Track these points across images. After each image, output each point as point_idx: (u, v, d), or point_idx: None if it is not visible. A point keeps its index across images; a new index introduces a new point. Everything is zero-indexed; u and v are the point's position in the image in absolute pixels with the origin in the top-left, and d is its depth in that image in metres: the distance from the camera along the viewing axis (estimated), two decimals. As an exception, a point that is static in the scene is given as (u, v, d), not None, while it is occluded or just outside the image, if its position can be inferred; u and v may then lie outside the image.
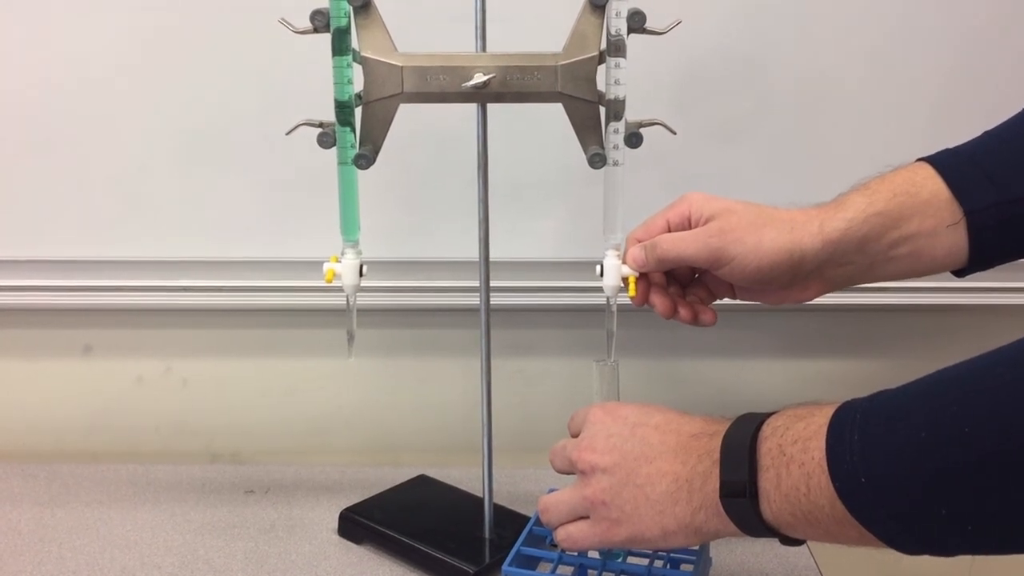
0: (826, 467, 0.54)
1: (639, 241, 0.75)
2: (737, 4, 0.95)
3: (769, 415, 0.61)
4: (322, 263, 0.78)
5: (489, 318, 0.84)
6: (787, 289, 0.73)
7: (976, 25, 0.97)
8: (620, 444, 0.66)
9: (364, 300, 0.82)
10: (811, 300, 0.74)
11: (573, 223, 1.02)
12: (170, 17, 0.96)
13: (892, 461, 0.52)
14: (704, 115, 0.99)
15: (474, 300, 0.84)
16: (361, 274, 0.78)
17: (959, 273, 0.72)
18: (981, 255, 0.70)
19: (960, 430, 0.50)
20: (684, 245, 0.72)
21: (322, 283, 0.78)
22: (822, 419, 0.56)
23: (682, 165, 0.96)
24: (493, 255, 0.83)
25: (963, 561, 1.02)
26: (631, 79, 0.72)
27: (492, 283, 0.84)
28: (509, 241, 0.98)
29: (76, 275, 1.03)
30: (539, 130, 0.92)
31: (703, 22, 0.94)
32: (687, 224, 0.74)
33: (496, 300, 0.86)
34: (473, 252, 0.83)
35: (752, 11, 0.96)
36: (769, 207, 0.72)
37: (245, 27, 0.95)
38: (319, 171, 0.81)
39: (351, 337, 0.80)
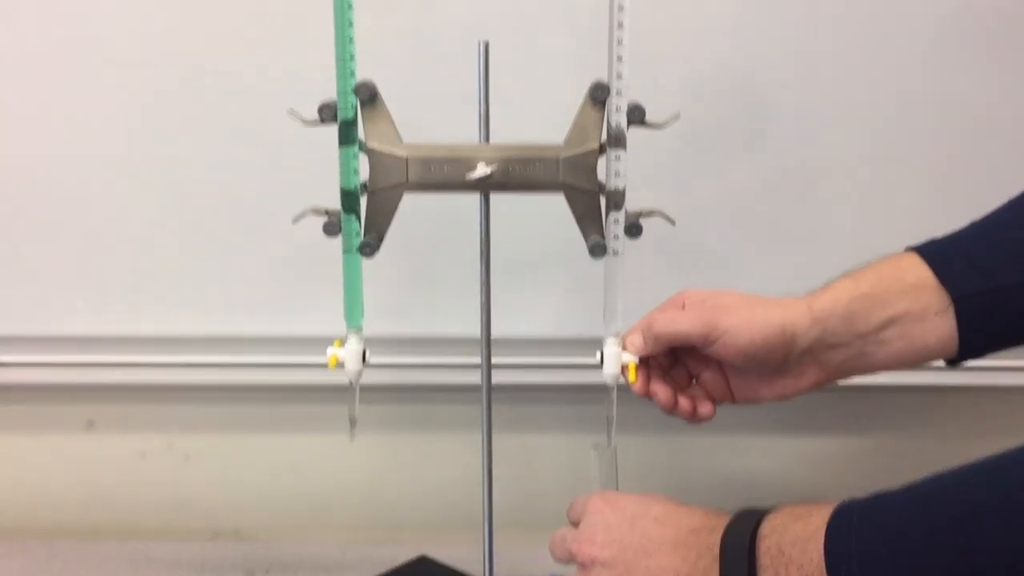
0: (824, 571, 0.55)
1: (638, 331, 0.76)
2: (738, 82, 0.97)
3: (768, 511, 0.61)
4: (325, 340, 0.79)
5: (491, 398, 0.84)
6: (782, 375, 0.74)
7: (977, 114, 0.99)
8: (619, 537, 0.66)
9: (366, 377, 0.82)
10: (807, 390, 0.74)
11: (575, 299, 1.03)
12: (178, 98, 0.98)
13: (889, 570, 0.52)
14: (705, 194, 1.00)
15: (476, 378, 0.85)
16: (364, 360, 0.78)
17: (952, 362, 0.73)
18: (971, 343, 0.70)
19: (957, 546, 0.50)
20: (678, 321, 0.74)
21: (325, 359, 0.79)
22: (819, 520, 0.57)
23: (683, 244, 0.98)
24: (495, 333, 0.84)
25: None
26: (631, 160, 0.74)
27: (494, 360, 0.84)
28: (511, 317, 0.99)
29: (79, 351, 1.04)
30: (541, 206, 0.93)
31: (703, 100, 0.96)
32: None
33: (498, 378, 0.86)
34: (475, 327, 0.83)
35: (754, 88, 0.98)
36: (758, 295, 0.74)
37: (254, 108, 0.97)
38: (323, 248, 0.81)
39: (353, 422, 0.80)
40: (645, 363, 0.77)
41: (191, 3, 0.96)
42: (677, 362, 0.79)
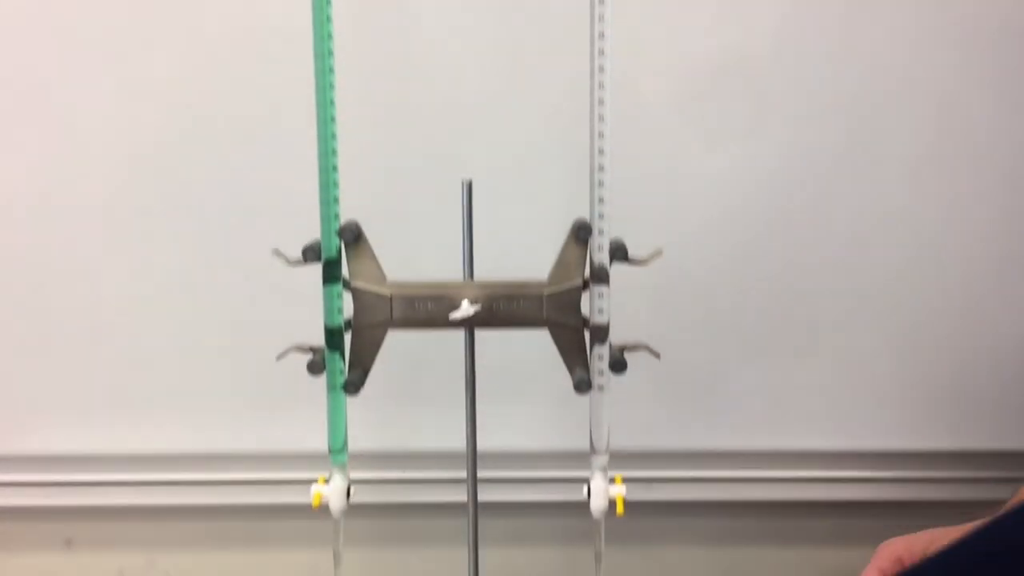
0: None
1: None
2: (727, 231, 0.99)
3: None
4: (308, 457, 0.79)
5: (476, 515, 0.84)
6: None
7: (975, 109, 0.99)
8: None
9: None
10: None
11: (563, 413, 1.02)
12: (160, 215, 0.98)
13: None
14: (689, 315, 1.01)
15: (461, 494, 0.84)
16: (348, 497, 0.78)
17: None
18: None
19: None
20: None
21: (308, 476, 0.78)
22: None
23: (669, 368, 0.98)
24: (481, 446, 0.83)
25: None
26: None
27: (480, 474, 0.84)
28: (497, 431, 0.99)
29: (56, 470, 1.03)
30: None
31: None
32: (902, 566, 0.75)
33: (484, 496, 0.85)
34: (460, 442, 0.82)
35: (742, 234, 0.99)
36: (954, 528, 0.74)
37: (237, 235, 0.97)
38: (305, 371, 0.81)
39: (338, 559, 0.79)
40: None
41: (176, 119, 0.97)
42: None
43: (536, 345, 0.98)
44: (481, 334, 0.80)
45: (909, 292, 1.01)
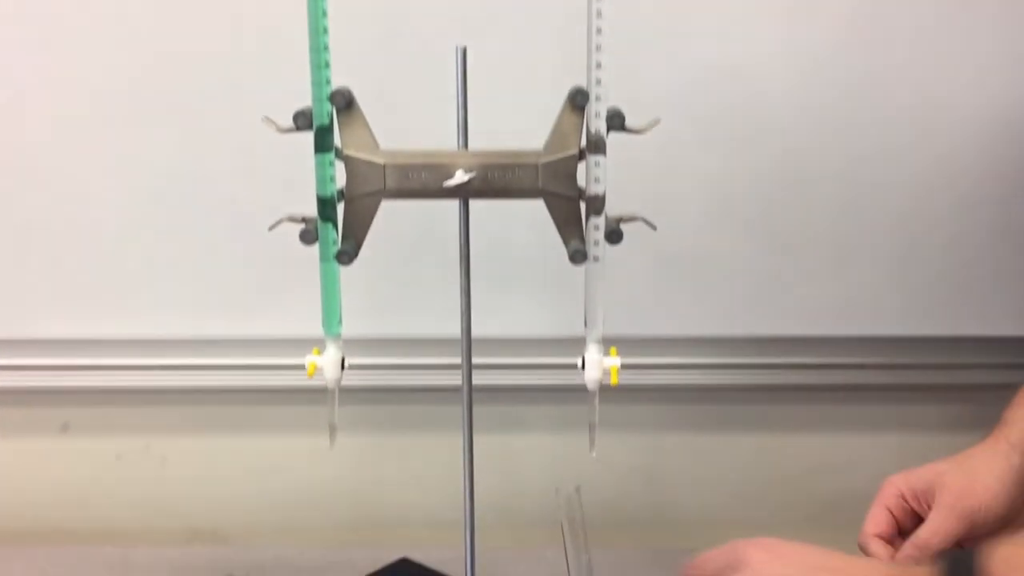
0: None
1: (877, 536, 0.75)
2: (724, 80, 0.97)
3: (978, 549, 0.61)
4: (304, 341, 0.78)
5: (471, 400, 0.84)
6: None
7: (972, 112, 0.99)
8: None
9: (346, 379, 0.81)
10: None
11: (557, 299, 1.02)
12: (156, 99, 0.96)
13: None
14: (687, 194, 1.00)
15: (456, 378, 0.84)
16: (343, 368, 0.77)
17: None
18: None
19: None
20: (949, 532, 0.73)
21: (303, 361, 0.78)
22: None
23: (666, 248, 0.98)
24: (476, 332, 0.83)
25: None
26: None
27: (475, 360, 0.84)
28: (491, 317, 0.99)
29: (53, 354, 1.03)
30: (522, 206, 0.92)
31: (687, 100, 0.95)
32: (906, 505, 0.76)
33: (479, 380, 0.86)
34: (456, 328, 0.83)
35: (741, 85, 0.97)
36: (957, 457, 0.76)
37: (230, 111, 0.95)
38: (300, 250, 0.80)
39: (333, 429, 0.80)
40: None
41: (169, 6, 0.94)
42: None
43: (530, 230, 0.98)
44: (476, 219, 0.80)
45: (906, 180, 1.00)
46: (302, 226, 0.75)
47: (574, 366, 0.77)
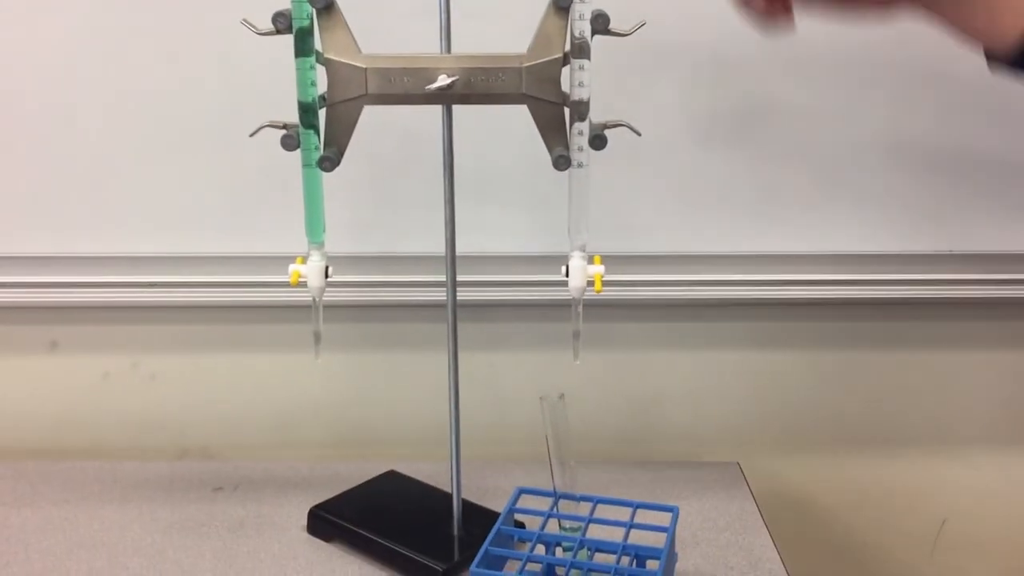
0: None
1: None
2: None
3: None
4: (289, 259, 0.78)
5: (456, 315, 0.84)
6: None
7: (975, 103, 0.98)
8: None
9: (330, 296, 0.81)
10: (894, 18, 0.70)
11: (541, 216, 1.02)
12: (131, 11, 0.95)
13: None
14: (672, 108, 0.99)
15: (442, 295, 0.84)
16: (327, 276, 0.77)
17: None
18: None
19: None
20: None
21: (288, 278, 0.78)
22: None
23: (650, 157, 0.97)
24: (460, 249, 0.83)
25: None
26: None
27: (459, 278, 0.84)
28: (476, 235, 0.99)
29: (41, 271, 1.02)
30: (506, 123, 0.91)
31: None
32: None
33: (463, 296, 0.86)
34: (440, 246, 0.83)
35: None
36: None
37: (209, 21, 0.94)
38: (286, 166, 0.80)
39: (317, 338, 0.80)
40: None
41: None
42: None
43: (513, 147, 0.98)
44: (460, 135, 0.79)
45: (890, 101, 1.00)
46: (283, 133, 0.74)
47: (559, 283, 0.77)
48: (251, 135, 0.74)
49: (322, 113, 0.74)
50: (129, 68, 0.97)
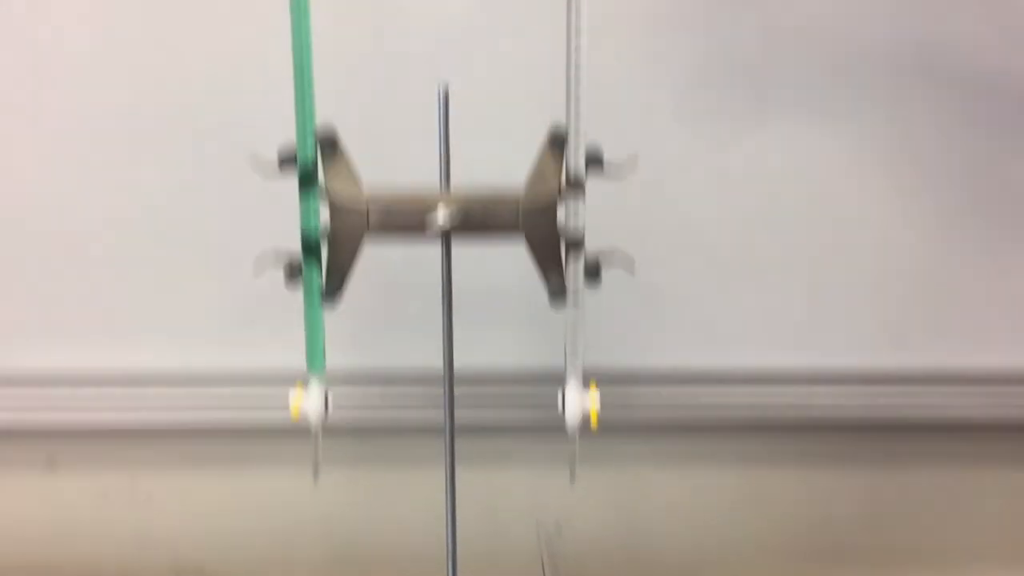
0: None
1: None
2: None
3: None
4: (289, 375, 0.78)
5: (453, 436, 0.84)
6: None
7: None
8: None
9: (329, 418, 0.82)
10: None
11: (539, 332, 1.03)
12: (142, 132, 0.98)
13: None
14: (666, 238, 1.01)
15: (439, 416, 0.84)
16: (327, 406, 0.78)
17: None
18: None
19: None
20: None
21: (288, 397, 0.78)
22: None
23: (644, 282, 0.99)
24: (458, 366, 0.83)
25: None
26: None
27: (457, 394, 0.84)
28: (473, 351, 0.99)
29: (39, 388, 1.03)
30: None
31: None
32: None
33: (462, 415, 0.86)
34: (438, 361, 0.83)
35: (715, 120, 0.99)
36: None
37: (216, 144, 0.97)
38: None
39: (316, 468, 0.80)
40: None
41: (154, 41, 0.96)
42: None
43: (511, 263, 0.99)
44: (458, 259, 0.80)
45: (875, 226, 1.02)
46: (286, 264, 0.75)
47: (555, 404, 0.77)
48: (256, 274, 0.75)
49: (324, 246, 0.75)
50: (133, 185, 0.99)
